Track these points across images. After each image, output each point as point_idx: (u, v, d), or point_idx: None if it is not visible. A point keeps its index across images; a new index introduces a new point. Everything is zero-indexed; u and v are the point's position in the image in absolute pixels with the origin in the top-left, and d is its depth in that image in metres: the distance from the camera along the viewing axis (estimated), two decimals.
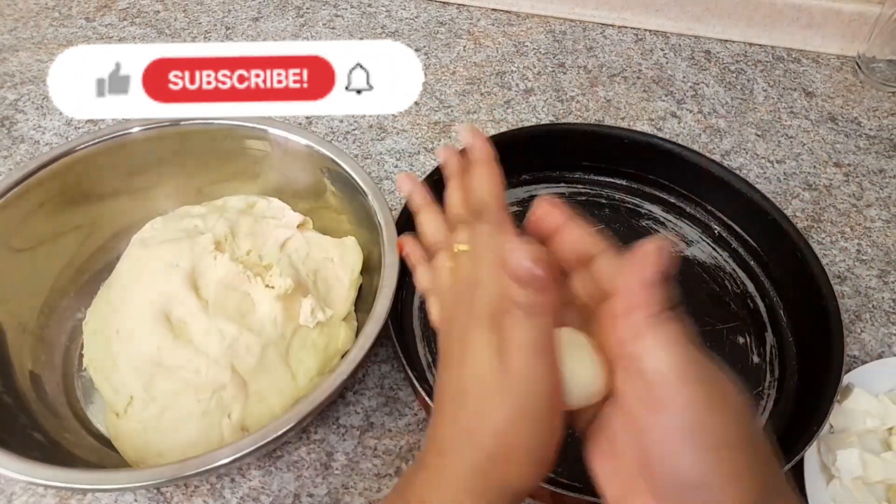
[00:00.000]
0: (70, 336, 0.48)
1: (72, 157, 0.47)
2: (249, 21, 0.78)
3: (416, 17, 0.79)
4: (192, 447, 0.40)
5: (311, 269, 0.47)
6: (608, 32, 0.78)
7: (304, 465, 0.44)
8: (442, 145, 0.36)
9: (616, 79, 0.72)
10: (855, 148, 0.66)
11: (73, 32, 0.76)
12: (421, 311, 0.50)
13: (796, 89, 0.72)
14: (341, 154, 0.48)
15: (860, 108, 0.70)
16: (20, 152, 0.63)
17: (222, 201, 0.52)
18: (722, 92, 0.71)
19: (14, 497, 0.42)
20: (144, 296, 0.43)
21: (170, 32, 0.77)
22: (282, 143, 0.50)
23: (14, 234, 0.46)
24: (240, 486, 0.43)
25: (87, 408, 0.45)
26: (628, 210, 0.58)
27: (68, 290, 0.49)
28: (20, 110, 0.67)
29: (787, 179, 0.63)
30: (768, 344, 0.49)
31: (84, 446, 0.42)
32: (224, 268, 0.44)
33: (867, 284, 0.55)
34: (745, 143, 0.66)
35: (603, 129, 0.60)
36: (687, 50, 0.76)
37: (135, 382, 0.41)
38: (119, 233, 0.50)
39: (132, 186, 0.51)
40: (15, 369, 0.43)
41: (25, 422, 0.41)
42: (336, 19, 0.78)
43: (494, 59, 0.74)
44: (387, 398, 0.47)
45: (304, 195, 0.52)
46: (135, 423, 0.41)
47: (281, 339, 0.43)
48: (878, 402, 0.46)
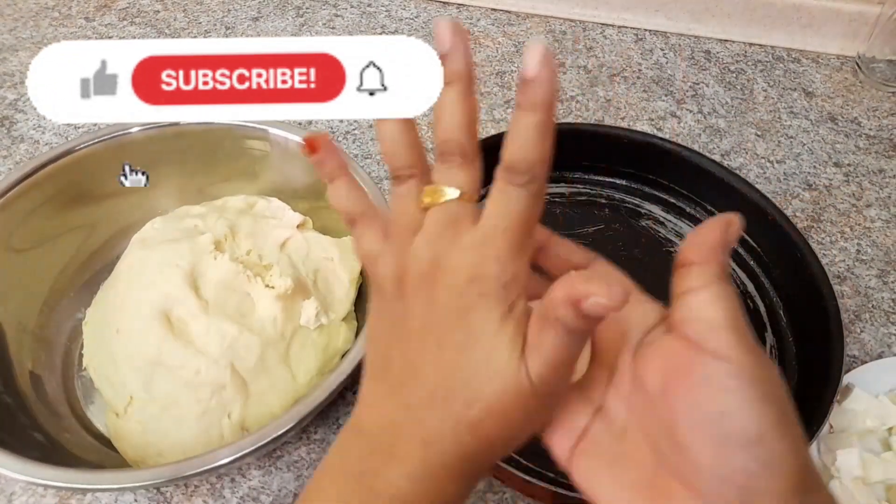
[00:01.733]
0: (70, 336, 0.48)
1: (72, 157, 0.47)
2: (249, 21, 0.78)
3: (416, 17, 0.79)
4: (192, 447, 0.40)
5: (311, 269, 0.47)
6: (608, 32, 0.78)
7: (304, 465, 0.44)
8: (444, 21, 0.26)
9: (616, 79, 0.72)
10: (855, 148, 0.66)
11: (72, 32, 0.76)
12: None
13: (796, 89, 0.72)
14: None
15: (860, 108, 0.70)
16: (20, 152, 0.63)
17: (222, 201, 0.52)
18: (722, 92, 0.71)
19: (14, 497, 0.42)
20: (144, 296, 0.43)
21: (169, 32, 0.77)
22: (282, 142, 0.50)
23: (14, 234, 0.46)
24: (240, 486, 0.43)
25: (87, 408, 0.45)
26: (628, 210, 0.58)
27: (68, 290, 0.49)
28: (20, 110, 0.67)
29: (787, 179, 0.63)
30: (768, 344, 0.49)
31: (84, 446, 0.42)
32: (224, 268, 0.44)
33: (867, 284, 0.55)
34: (745, 143, 0.66)
35: (603, 129, 0.59)
36: (687, 50, 0.76)
37: (135, 382, 0.41)
38: (119, 233, 0.50)
39: (132, 186, 0.51)
40: (15, 369, 0.43)
41: (25, 422, 0.41)
42: (336, 19, 0.78)
43: (494, 59, 0.74)
44: None
45: (304, 195, 0.52)
46: (135, 422, 0.41)
47: (281, 339, 0.43)
48: (878, 402, 0.46)
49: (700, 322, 0.23)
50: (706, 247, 0.24)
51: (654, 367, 0.25)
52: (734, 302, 0.24)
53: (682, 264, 0.25)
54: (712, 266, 0.24)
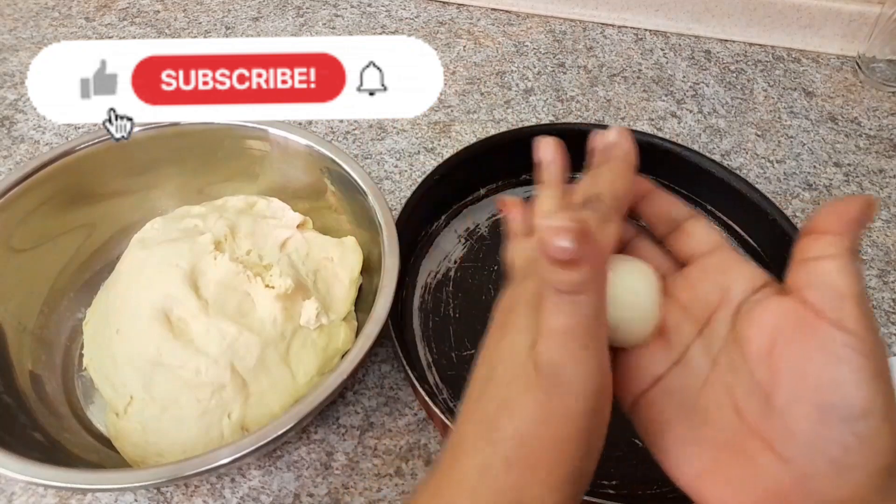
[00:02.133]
0: (70, 336, 0.48)
1: (72, 157, 0.47)
2: (249, 21, 0.78)
3: (416, 17, 0.79)
4: (192, 447, 0.40)
5: (311, 269, 0.47)
6: (608, 32, 0.78)
7: (304, 465, 0.44)
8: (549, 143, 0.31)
9: (616, 79, 0.72)
10: (855, 148, 0.66)
11: (73, 32, 0.76)
12: (421, 311, 0.50)
13: (796, 89, 0.72)
14: (341, 154, 0.48)
15: (860, 108, 0.70)
16: (20, 152, 0.63)
17: (222, 201, 0.52)
18: (722, 92, 0.71)
19: (14, 497, 0.42)
20: (144, 296, 0.43)
21: (170, 32, 0.77)
22: (282, 142, 0.49)
23: (14, 234, 0.46)
24: (240, 486, 0.43)
25: (87, 408, 0.45)
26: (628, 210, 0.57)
27: (68, 290, 0.49)
28: (20, 110, 0.67)
29: (787, 179, 0.63)
30: None
31: (84, 446, 0.42)
32: (224, 268, 0.44)
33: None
34: (745, 143, 0.66)
35: (603, 129, 0.59)
36: (687, 50, 0.76)
37: (135, 382, 0.41)
38: (119, 233, 0.50)
39: (132, 186, 0.51)
40: (15, 369, 0.43)
41: (25, 422, 0.41)
42: (336, 19, 0.78)
43: (494, 59, 0.74)
44: (387, 398, 0.47)
45: (304, 195, 0.52)
46: (135, 422, 0.41)
47: (281, 338, 0.43)
48: None
49: (827, 289, 0.23)
50: (844, 219, 0.24)
51: (762, 327, 0.24)
52: (862, 278, 0.23)
53: (813, 231, 0.24)
54: (847, 238, 0.23)
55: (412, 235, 0.52)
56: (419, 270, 0.52)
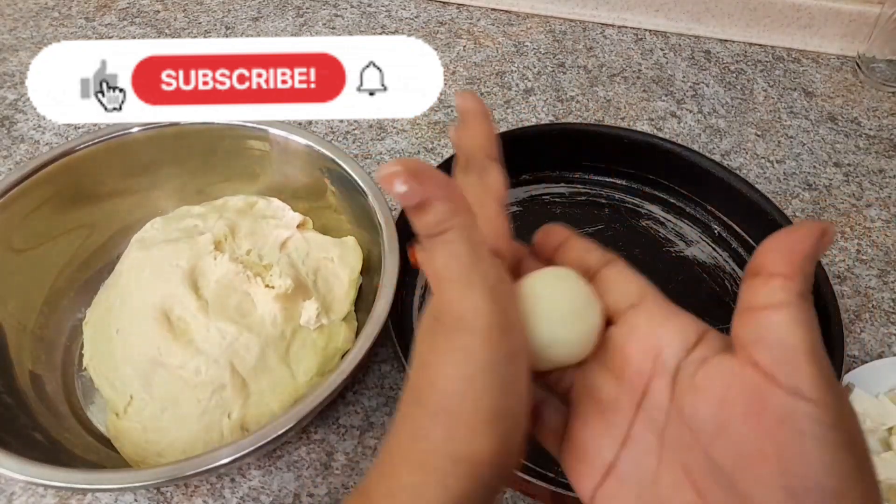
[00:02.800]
0: (70, 336, 0.48)
1: (72, 157, 0.47)
2: (249, 21, 0.78)
3: (416, 17, 0.79)
4: (192, 447, 0.40)
5: (311, 269, 0.47)
6: (608, 32, 0.78)
7: (304, 465, 0.44)
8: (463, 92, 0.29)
9: (616, 79, 0.72)
10: (855, 148, 0.66)
11: (73, 32, 0.76)
12: (421, 311, 0.50)
13: (796, 89, 0.72)
14: (341, 154, 0.48)
15: (860, 108, 0.70)
16: (20, 152, 0.63)
17: (222, 201, 0.52)
18: (722, 92, 0.71)
19: (14, 497, 0.42)
20: (144, 296, 0.43)
21: (170, 32, 0.77)
22: (282, 142, 0.49)
23: (14, 234, 0.46)
24: (240, 486, 0.43)
25: (87, 408, 0.45)
26: (628, 210, 0.58)
27: (68, 290, 0.49)
28: (20, 110, 0.67)
29: (787, 179, 0.63)
30: None
31: (84, 446, 0.42)
32: (224, 268, 0.44)
33: (867, 284, 0.55)
34: (745, 143, 0.66)
35: (603, 129, 0.60)
36: (687, 50, 0.76)
37: (135, 382, 0.41)
38: (119, 233, 0.50)
39: (132, 186, 0.51)
40: (15, 369, 0.43)
41: (25, 422, 0.41)
42: (336, 19, 0.78)
43: (494, 59, 0.74)
44: (387, 398, 0.47)
45: (304, 195, 0.52)
46: (135, 422, 0.41)
47: (281, 338, 0.43)
48: (878, 402, 0.45)
49: (777, 346, 0.20)
50: (794, 256, 0.20)
51: (708, 399, 0.21)
52: (816, 328, 0.20)
53: (759, 272, 0.21)
54: (797, 281, 0.20)
55: (412, 235, 0.52)
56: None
